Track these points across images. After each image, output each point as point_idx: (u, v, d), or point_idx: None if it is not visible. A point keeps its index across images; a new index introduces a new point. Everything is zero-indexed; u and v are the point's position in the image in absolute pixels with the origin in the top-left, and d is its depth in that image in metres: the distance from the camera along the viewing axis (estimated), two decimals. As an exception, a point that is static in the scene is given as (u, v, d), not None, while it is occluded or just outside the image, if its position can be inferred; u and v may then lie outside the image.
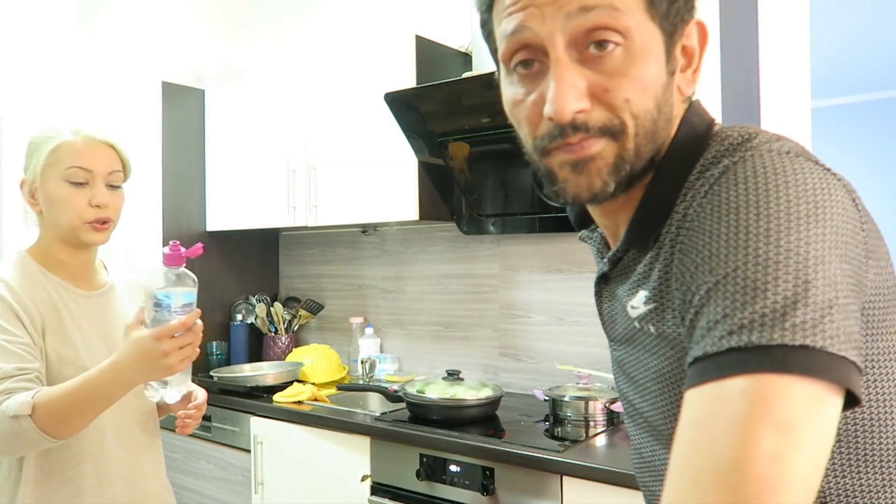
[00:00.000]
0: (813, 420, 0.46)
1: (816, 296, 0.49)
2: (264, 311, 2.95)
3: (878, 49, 4.60)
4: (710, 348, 0.50)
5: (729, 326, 0.49)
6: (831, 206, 0.53)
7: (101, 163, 1.33)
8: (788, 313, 0.48)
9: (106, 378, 1.18)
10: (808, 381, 0.46)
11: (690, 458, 0.48)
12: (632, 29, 0.58)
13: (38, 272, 1.33)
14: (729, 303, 0.50)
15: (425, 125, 2.20)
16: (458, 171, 2.27)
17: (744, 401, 0.46)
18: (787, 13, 2.04)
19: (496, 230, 2.39)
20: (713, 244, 0.54)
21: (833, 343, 0.48)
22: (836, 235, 0.52)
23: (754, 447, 0.45)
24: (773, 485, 0.44)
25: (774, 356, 0.47)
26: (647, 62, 0.60)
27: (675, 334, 0.62)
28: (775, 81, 2.00)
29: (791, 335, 0.47)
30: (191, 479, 2.56)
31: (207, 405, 1.64)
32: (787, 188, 0.53)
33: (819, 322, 0.48)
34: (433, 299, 2.71)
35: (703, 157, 0.62)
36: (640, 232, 0.66)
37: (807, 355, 0.47)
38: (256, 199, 2.74)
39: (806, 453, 0.46)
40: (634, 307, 0.67)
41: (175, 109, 2.83)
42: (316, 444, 2.17)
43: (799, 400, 0.46)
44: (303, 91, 2.59)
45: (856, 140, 5.60)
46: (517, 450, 1.74)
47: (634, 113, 0.60)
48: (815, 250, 0.50)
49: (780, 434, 0.45)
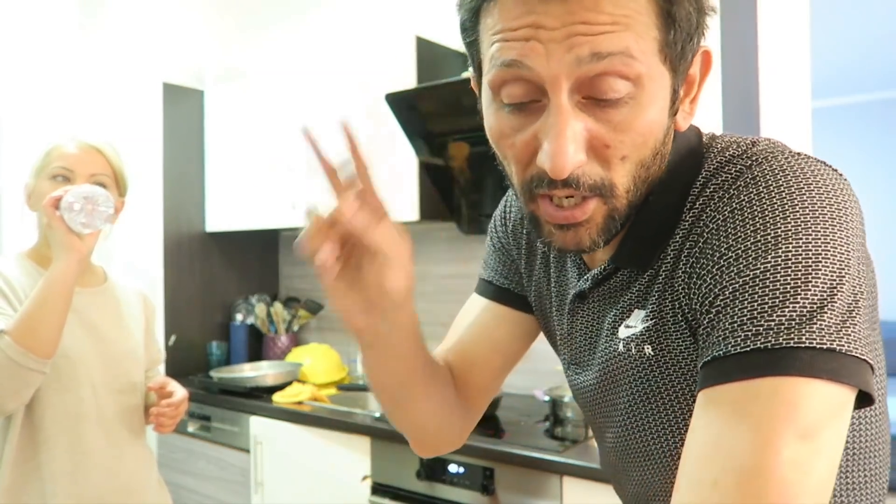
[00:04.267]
0: (833, 426, 0.47)
1: (842, 299, 0.48)
2: (264, 311, 2.95)
3: (878, 49, 4.60)
4: (733, 348, 0.49)
5: (756, 328, 0.48)
6: (849, 208, 0.53)
7: (85, 164, 1.38)
8: (816, 316, 0.47)
9: (49, 276, 1.25)
10: (833, 385, 0.46)
11: (711, 458, 0.47)
12: (643, 77, 0.52)
13: (33, 269, 1.39)
14: (758, 304, 0.49)
15: (425, 125, 2.20)
16: (458, 171, 2.27)
17: (770, 404, 0.46)
18: (787, 13, 2.04)
19: (496, 230, 2.39)
20: (739, 246, 0.52)
21: (856, 346, 0.47)
22: (855, 237, 0.52)
23: (778, 452, 0.45)
24: (794, 491, 0.44)
25: (803, 359, 0.46)
26: (652, 109, 0.54)
27: (678, 350, 0.60)
28: (775, 82, 2.00)
29: (819, 338, 0.47)
30: (190, 479, 2.56)
31: (207, 406, 1.65)
32: (809, 190, 0.52)
33: (843, 325, 0.48)
34: (433, 299, 2.70)
35: (703, 168, 0.60)
36: (639, 251, 0.62)
37: (833, 359, 0.46)
38: (256, 199, 2.74)
39: (825, 460, 0.46)
40: (629, 326, 0.64)
41: (175, 110, 2.83)
42: (316, 444, 2.17)
43: (823, 405, 0.46)
44: (303, 91, 2.59)
45: (856, 140, 5.60)
46: (517, 450, 1.74)
47: (629, 170, 0.56)
48: (841, 253, 0.50)
49: (803, 441, 0.45)
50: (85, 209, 1.27)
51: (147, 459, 1.52)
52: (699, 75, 0.60)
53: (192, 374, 2.77)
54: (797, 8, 2.06)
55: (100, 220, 1.30)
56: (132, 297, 1.57)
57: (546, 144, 0.53)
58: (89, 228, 1.28)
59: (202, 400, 2.50)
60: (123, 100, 2.92)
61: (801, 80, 2.07)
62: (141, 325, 1.56)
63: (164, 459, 2.66)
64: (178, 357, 2.78)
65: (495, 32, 0.54)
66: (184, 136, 2.86)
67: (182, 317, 2.82)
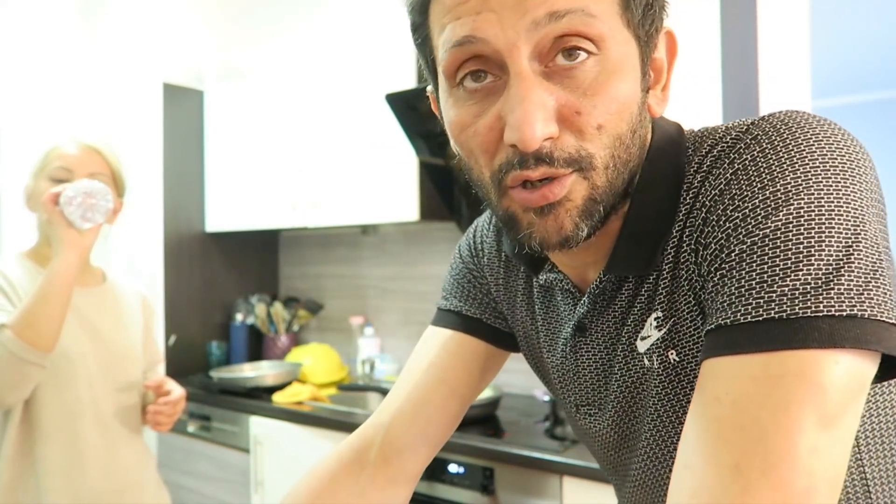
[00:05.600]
0: (854, 406, 0.43)
1: (861, 259, 0.44)
2: (264, 311, 2.95)
3: (878, 49, 4.60)
4: (743, 317, 0.45)
5: (768, 294, 0.44)
6: (863, 160, 0.48)
7: (83, 164, 1.40)
8: (833, 279, 0.43)
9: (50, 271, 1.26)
10: (857, 356, 0.42)
11: (730, 440, 0.43)
12: (606, 37, 0.49)
13: (33, 269, 1.41)
14: (768, 268, 0.45)
15: (425, 125, 2.20)
16: (458, 171, 2.27)
17: (793, 383, 0.42)
18: (787, 13, 2.04)
19: (496, 230, 2.39)
20: (746, 206, 0.47)
21: (882, 310, 0.43)
22: (871, 192, 0.47)
23: (802, 437, 0.41)
24: (816, 479, 0.41)
25: (822, 329, 0.42)
26: (623, 77, 0.50)
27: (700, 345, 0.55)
28: (775, 81, 2.00)
29: (838, 304, 0.42)
30: (190, 479, 2.56)
31: (207, 406, 1.65)
32: (817, 139, 0.47)
33: (865, 288, 0.43)
34: (433, 299, 2.71)
35: (693, 157, 0.55)
36: (637, 250, 0.57)
37: (856, 325, 0.42)
38: (256, 199, 2.74)
39: (844, 442, 0.43)
40: (645, 337, 0.58)
41: (175, 110, 2.83)
42: (316, 444, 2.17)
43: (846, 380, 0.42)
44: (303, 91, 2.59)
45: (856, 140, 5.60)
46: (517, 450, 1.74)
47: (607, 143, 0.51)
48: (857, 209, 0.45)
49: (824, 427, 0.42)
50: (84, 203, 1.29)
51: (145, 459, 1.53)
52: (667, 61, 0.57)
53: (192, 374, 2.77)
54: (797, 7, 2.06)
55: (100, 213, 1.31)
56: (131, 297, 1.58)
57: (511, 117, 0.48)
58: (89, 222, 1.29)
59: (202, 400, 2.50)
60: (123, 100, 2.92)
61: (801, 80, 2.07)
62: (139, 326, 1.57)
63: (164, 459, 2.66)
64: (178, 357, 2.78)
65: (445, 15, 0.51)
66: (184, 136, 2.86)
67: (182, 317, 2.82)
